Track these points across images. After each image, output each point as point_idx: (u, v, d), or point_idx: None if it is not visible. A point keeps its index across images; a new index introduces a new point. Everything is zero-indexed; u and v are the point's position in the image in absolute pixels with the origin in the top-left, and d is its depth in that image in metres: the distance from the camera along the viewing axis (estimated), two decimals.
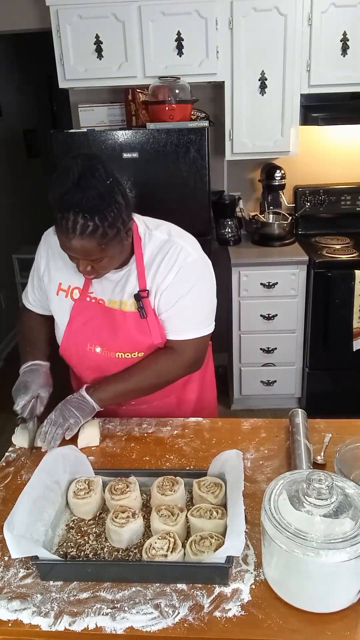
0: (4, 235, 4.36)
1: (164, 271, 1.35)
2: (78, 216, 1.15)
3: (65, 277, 1.42)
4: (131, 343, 1.39)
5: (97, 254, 1.22)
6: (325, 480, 0.90)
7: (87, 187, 1.15)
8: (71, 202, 1.15)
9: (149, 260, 1.36)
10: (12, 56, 4.76)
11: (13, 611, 0.91)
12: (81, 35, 2.77)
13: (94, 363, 1.43)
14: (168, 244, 1.36)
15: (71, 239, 1.18)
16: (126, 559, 1.01)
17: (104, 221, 1.17)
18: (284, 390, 3.20)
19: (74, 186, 1.15)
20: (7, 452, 1.36)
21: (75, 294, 1.41)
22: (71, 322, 1.42)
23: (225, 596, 0.92)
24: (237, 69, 2.83)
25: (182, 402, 1.56)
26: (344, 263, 2.87)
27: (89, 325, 1.40)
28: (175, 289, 1.35)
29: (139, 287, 1.36)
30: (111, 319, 1.38)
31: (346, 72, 2.82)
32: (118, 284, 1.38)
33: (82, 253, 1.22)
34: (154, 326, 1.37)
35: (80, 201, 1.15)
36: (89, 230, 1.16)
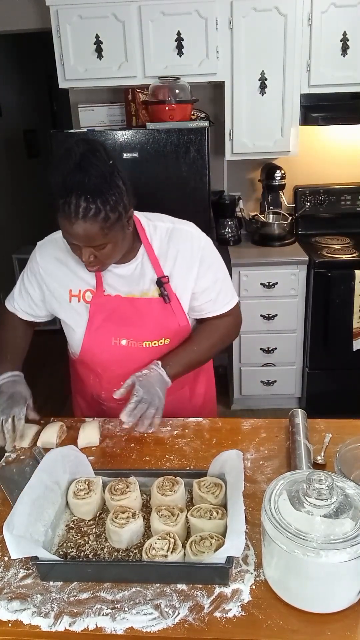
0: (4, 235, 4.37)
1: (184, 259, 1.40)
2: (80, 199, 1.15)
3: (74, 282, 1.42)
4: (158, 329, 1.41)
5: (100, 239, 1.22)
6: (326, 481, 0.90)
7: (88, 167, 1.16)
8: (73, 183, 1.15)
9: (162, 249, 1.40)
10: (12, 56, 4.76)
11: (13, 612, 0.91)
12: (81, 35, 2.77)
13: (120, 357, 1.42)
14: (177, 232, 1.41)
15: (74, 223, 1.18)
16: (126, 559, 1.01)
17: (105, 204, 1.18)
18: (284, 390, 3.20)
19: (75, 167, 1.16)
20: (7, 452, 1.36)
21: (88, 296, 1.41)
22: (91, 321, 1.41)
23: (225, 596, 0.92)
24: (237, 69, 2.84)
25: (193, 395, 1.59)
26: (344, 263, 2.88)
27: (111, 319, 1.40)
28: (208, 273, 1.43)
29: (157, 275, 1.39)
30: (135, 308, 1.39)
31: (346, 72, 2.82)
32: (132, 277, 1.40)
33: (85, 239, 1.21)
34: (178, 309, 1.42)
35: (82, 182, 1.15)
36: (92, 213, 1.17)
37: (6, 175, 4.50)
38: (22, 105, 5.02)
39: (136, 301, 1.39)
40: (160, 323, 1.41)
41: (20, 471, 1.24)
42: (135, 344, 1.41)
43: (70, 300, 1.43)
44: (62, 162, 1.19)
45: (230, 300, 1.51)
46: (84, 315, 1.41)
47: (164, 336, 1.42)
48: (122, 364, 1.42)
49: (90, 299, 1.40)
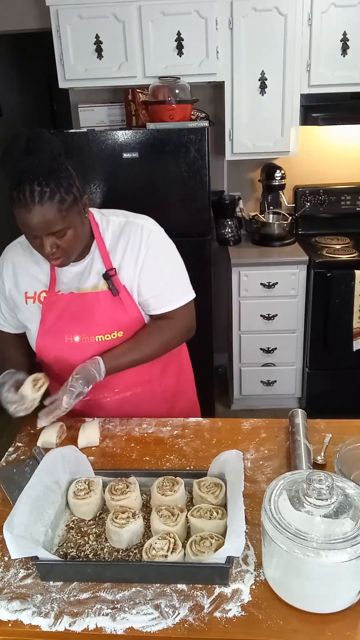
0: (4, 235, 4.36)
1: (132, 250, 1.40)
2: (34, 184, 1.18)
3: (30, 285, 1.44)
4: (109, 322, 1.41)
5: (59, 223, 1.23)
6: (326, 481, 0.90)
7: (37, 149, 1.19)
8: (24, 168, 1.18)
9: (113, 243, 1.41)
10: (12, 56, 4.76)
11: (13, 612, 0.91)
12: (81, 35, 2.77)
13: (74, 353, 1.42)
14: (128, 225, 1.42)
15: (31, 209, 1.19)
16: (126, 559, 1.01)
17: (59, 186, 1.20)
18: (284, 390, 3.20)
19: (24, 152, 1.19)
20: (7, 452, 1.36)
21: (43, 296, 1.42)
22: (44, 319, 1.42)
23: (225, 596, 0.92)
24: (237, 69, 2.83)
25: (164, 387, 1.57)
26: (344, 263, 2.87)
27: (63, 317, 1.41)
28: (153, 266, 1.41)
29: (106, 268, 1.40)
30: (85, 303, 1.40)
31: (346, 72, 2.82)
32: (83, 273, 1.41)
33: (44, 225, 1.22)
34: (128, 301, 1.41)
35: (33, 165, 1.18)
36: (47, 196, 1.19)
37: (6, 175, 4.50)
38: (22, 105, 5.02)
39: (86, 296, 1.40)
40: (110, 316, 1.41)
41: (20, 471, 1.24)
42: (88, 339, 1.41)
43: (26, 302, 1.44)
44: (9, 151, 1.21)
45: (178, 299, 1.46)
46: (38, 315, 1.43)
47: (116, 329, 1.42)
48: (77, 360, 1.41)
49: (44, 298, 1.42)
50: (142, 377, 1.50)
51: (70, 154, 2.68)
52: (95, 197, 2.76)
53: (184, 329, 1.51)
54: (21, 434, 1.43)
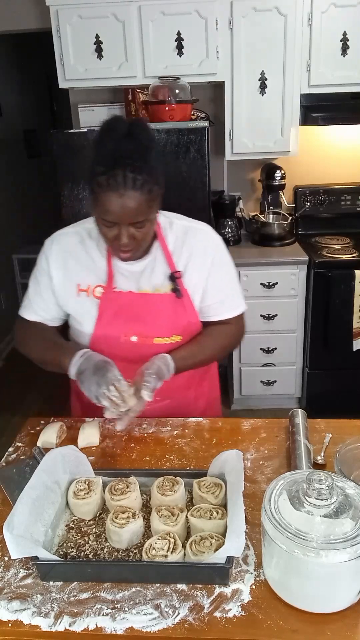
0: (4, 235, 4.36)
1: (199, 255, 1.39)
2: (127, 169, 1.15)
3: (83, 277, 1.39)
4: (170, 325, 1.40)
5: (144, 213, 1.21)
6: (326, 481, 0.90)
7: (139, 134, 1.18)
8: (124, 152, 1.16)
9: (176, 246, 1.40)
10: (12, 56, 4.76)
11: (13, 611, 0.91)
12: (81, 35, 2.77)
13: (130, 353, 1.40)
14: (192, 231, 1.42)
15: (122, 194, 1.17)
16: (126, 559, 1.01)
17: (151, 176, 1.19)
18: (284, 390, 3.20)
19: (126, 135, 1.17)
20: (7, 452, 1.36)
21: (98, 291, 1.39)
22: (100, 317, 1.38)
23: (225, 596, 0.92)
24: (237, 69, 2.83)
25: (199, 396, 1.58)
26: (344, 263, 2.87)
27: (121, 315, 1.38)
28: (220, 272, 1.43)
29: (170, 270, 1.38)
30: (146, 304, 1.38)
31: (346, 72, 2.82)
32: (143, 273, 1.38)
33: (130, 212, 1.19)
34: (189, 306, 1.41)
35: (132, 150, 1.16)
36: (140, 184, 1.17)
37: (6, 175, 4.50)
38: (22, 105, 5.02)
39: (149, 297, 1.38)
40: (171, 319, 1.39)
41: (20, 471, 1.24)
42: (145, 341, 1.39)
43: (78, 294, 1.40)
44: (108, 132, 1.19)
45: (238, 307, 1.50)
46: (92, 311, 1.39)
47: (174, 333, 1.40)
48: (131, 360, 1.39)
49: (100, 294, 1.38)
50: (184, 383, 1.49)
51: (70, 154, 2.69)
52: None
53: (240, 337, 1.55)
54: (21, 434, 1.43)
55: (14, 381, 3.83)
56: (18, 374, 3.93)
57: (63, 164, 2.72)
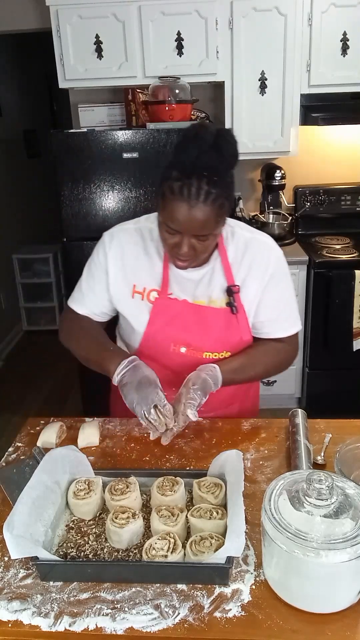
0: (4, 235, 4.37)
1: (259, 269, 1.35)
2: (202, 181, 1.11)
3: (140, 279, 1.36)
4: (221, 341, 1.36)
5: (210, 227, 1.18)
6: (326, 481, 0.90)
7: (222, 148, 1.13)
8: (204, 162, 1.11)
9: (236, 258, 1.35)
10: (12, 56, 4.76)
11: (13, 612, 0.91)
12: (81, 35, 2.77)
13: (177, 364, 1.37)
14: (255, 242, 1.37)
15: (193, 206, 1.13)
16: (126, 559, 1.01)
17: (224, 191, 1.15)
18: (284, 390, 3.20)
19: (209, 146, 1.12)
20: (7, 452, 1.36)
21: (153, 295, 1.35)
22: (152, 322, 1.35)
23: (225, 596, 0.92)
24: (237, 69, 2.84)
25: (243, 411, 1.52)
26: (344, 263, 2.88)
27: (173, 324, 1.34)
28: (276, 288, 1.37)
29: (228, 283, 1.34)
30: (200, 316, 1.34)
31: (346, 72, 2.82)
32: (200, 282, 1.34)
33: (196, 224, 1.16)
34: (243, 321, 1.36)
35: (213, 162, 1.12)
36: (212, 198, 1.13)
37: (6, 175, 4.50)
38: (22, 105, 5.02)
39: (203, 309, 1.34)
40: (224, 335, 1.35)
41: (20, 471, 1.24)
42: (194, 353, 1.36)
43: (132, 295, 1.36)
44: (191, 139, 1.14)
45: (292, 326, 1.44)
46: (145, 315, 1.35)
47: (225, 349, 1.37)
48: (178, 371, 1.37)
49: (154, 299, 1.35)
50: (228, 398, 1.45)
51: (70, 154, 2.69)
52: (95, 197, 2.76)
53: (293, 357, 1.48)
54: (21, 434, 1.43)
55: (14, 381, 3.83)
56: (18, 374, 3.94)
57: (63, 164, 2.72)
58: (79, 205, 2.78)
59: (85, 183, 2.74)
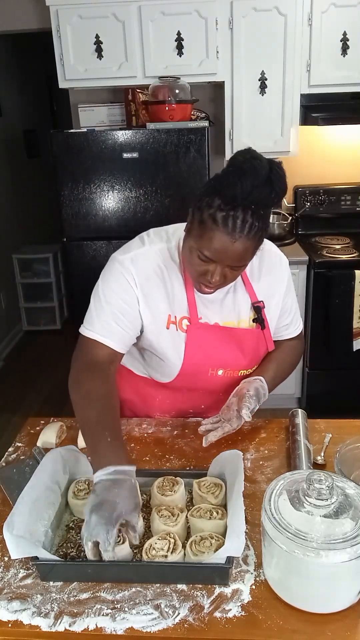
0: (4, 235, 4.36)
1: (277, 283, 1.38)
2: (248, 214, 1.08)
3: (174, 307, 1.30)
4: (253, 358, 1.38)
5: (247, 259, 1.16)
6: (326, 481, 0.90)
7: (277, 181, 1.10)
8: (256, 197, 1.07)
9: (253, 273, 1.35)
10: (12, 56, 4.76)
11: (13, 612, 0.91)
12: (81, 35, 2.77)
13: (215, 386, 1.38)
14: (267, 255, 1.37)
15: (236, 239, 1.09)
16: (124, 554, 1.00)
17: (265, 225, 1.13)
18: (284, 390, 3.19)
19: (264, 180, 1.08)
20: (7, 452, 1.36)
21: (184, 323, 1.30)
22: (188, 350, 1.31)
23: (225, 597, 0.92)
24: (237, 69, 2.83)
25: None
26: (344, 263, 2.87)
27: (208, 349, 1.32)
28: (288, 296, 1.42)
29: (251, 300, 1.34)
30: (233, 338, 1.34)
31: (346, 72, 2.82)
32: (224, 302, 1.33)
33: (235, 257, 1.12)
34: (269, 335, 1.39)
35: (265, 197, 1.09)
36: (255, 231, 1.10)
37: (6, 175, 4.50)
38: (22, 105, 5.02)
39: (235, 331, 1.34)
40: (255, 351, 1.38)
41: (20, 471, 1.24)
42: (231, 373, 1.37)
43: (168, 326, 1.30)
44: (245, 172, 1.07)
45: (300, 324, 1.51)
46: (180, 344, 1.30)
47: (256, 363, 1.40)
48: (215, 392, 1.40)
49: (186, 326, 1.30)
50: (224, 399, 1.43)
51: (70, 154, 2.69)
52: (95, 197, 2.76)
53: (303, 350, 1.57)
54: (21, 434, 1.43)
55: (14, 381, 3.83)
56: (18, 374, 3.94)
57: (63, 164, 2.73)
58: (79, 205, 2.78)
59: (85, 183, 2.75)
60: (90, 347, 1.25)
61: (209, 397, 1.43)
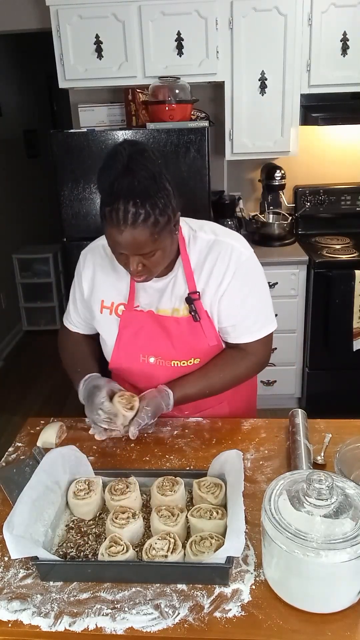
0: (4, 235, 4.36)
1: (218, 274, 1.32)
2: (129, 204, 1.11)
3: (108, 294, 1.40)
4: (187, 350, 1.36)
5: (150, 245, 1.17)
6: (326, 481, 0.90)
7: (137, 168, 1.12)
8: (121, 188, 1.11)
9: (198, 263, 1.34)
10: (12, 56, 4.76)
11: (13, 612, 0.91)
12: (81, 35, 2.77)
13: (148, 373, 1.39)
14: (217, 245, 1.33)
15: (123, 230, 1.14)
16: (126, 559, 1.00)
17: (155, 208, 1.14)
18: (284, 390, 3.20)
19: (123, 170, 1.12)
20: (7, 452, 1.36)
21: (120, 309, 1.38)
22: (120, 334, 1.38)
23: (225, 596, 0.92)
24: (237, 69, 2.83)
25: (234, 410, 1.53)
26: (344, 263, 2.87)
27: (140, 335, 1.36)
28: (236, 292, 1.33)
29: (189, 290, 1.33)
30: (164, 327, 1.35)
31: (346, 72, 2.82)
32: (165, 291, 1.35)
33: (134, 246, 1.16)
34: (208, 328, 1.35)
35: (131, 185, 1.11)
36: (141, 219, 1.13)
37: (6, 175, 4.50)
38: (22, 105, 5.02)
39: (166, 320, 1.35)
40: (189, 343, 1.35)
41: (20, 471, 1.24)
42: (163, 363, 1.37)
43: (101, 311, 1.41)
44: (108, 167, 1.14)
45: (259, 330, 1.38)
46: (114, 329, 1.39)
47: (193, 356, 1.38)
48: (150, 380, 1.39)
49: (122, 312, 1.38)
50: (213, 400, 1.46)
51: (70, 154, 2.69)
52: (95, 197, 2.76)
53: (258, 364, 1.44)
54: (21, 434, 1.43)
55: (14, 381, 3.83)
56: (18, 374, 3.94)
57: (63, 164, 2.72)
58: (79, 205, 2.78)
59: (85, 183, 2.74)
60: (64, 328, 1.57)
61: (149, 385, 1.38)
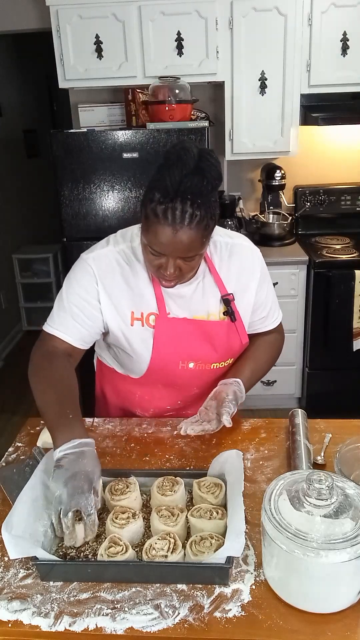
0: (4, 235, 4.36)
1: (247, 275, 1.38)
2: (187, 204, 1.10)
3: (137, 305, 1.32)
4: (226, 351, 1.38)
5: (197, 248, 1.16)
6: (326, 481, 0.90)
7: (207, 169, 1.11)
8: (188, 186, 1.09)
9: (222, 266, 1.36)
10: (12, 56, 4.76)
11: (13, 612, 0.91)
12: (81, 35, 2.77)
13: (187, 379, 1.39)
14: (236, 248, 1.39)
15: (178, 230, 1.11)
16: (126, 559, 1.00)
17: (209, 210, 1.13)
18: (284, 390, 3.20)
19: (192, 169, 1.10)
20: (7, 452, 1.36)
21: (152, 319, 1.33)
22: (157, 345, 1.33)
23: (225, 596, 0.91)
24: (237, 69, 2.84)
25: None
26: (344, 263, 2.88)
27: (178, 342, 1.34)
28: (264, 288, 1.43)
29: (221, 293, 1.35)
30: (204, 331, 1.35)
31: (346, 72, 2.82)
32: (193, 297, 1.34)
33: (182, 248, 1.14)
34: (241, 328, 1.39)
35: (199, 184, 1.10)
36: (197, 220, 1.11)
37: (6, 175, 4.50)
38: (22, 105, 5.02)
39: (204, 324, 1.35)
40: (227, 344, 1.38)
41: (20, 471, 1.24)
42: (203, 366, 1.38)
43: (132, 323, 1.33)
44: (174, 164, 1.11)
45: (278, 316, 1.53)
46: (148, 339, 1.33)
47: (229, 357, 1.40)
48: (187, 385, 1.41)
49: (154, 322, 1.33)
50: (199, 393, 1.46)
51: (70, 154, 2.69)
52: (95, 197, 2.76)
53: (283, 344, 1.59)
54: (21, 434, 1.43)
55: (14, 381, 3.83)
56: (18, 374, 3.93)
57: (63, 164, 2.73)
58: (79, 205, 2.78)
59: (85, 183, 2.75)
60: (49, 340, 1.31)
61: (184, 392, 1.42)
